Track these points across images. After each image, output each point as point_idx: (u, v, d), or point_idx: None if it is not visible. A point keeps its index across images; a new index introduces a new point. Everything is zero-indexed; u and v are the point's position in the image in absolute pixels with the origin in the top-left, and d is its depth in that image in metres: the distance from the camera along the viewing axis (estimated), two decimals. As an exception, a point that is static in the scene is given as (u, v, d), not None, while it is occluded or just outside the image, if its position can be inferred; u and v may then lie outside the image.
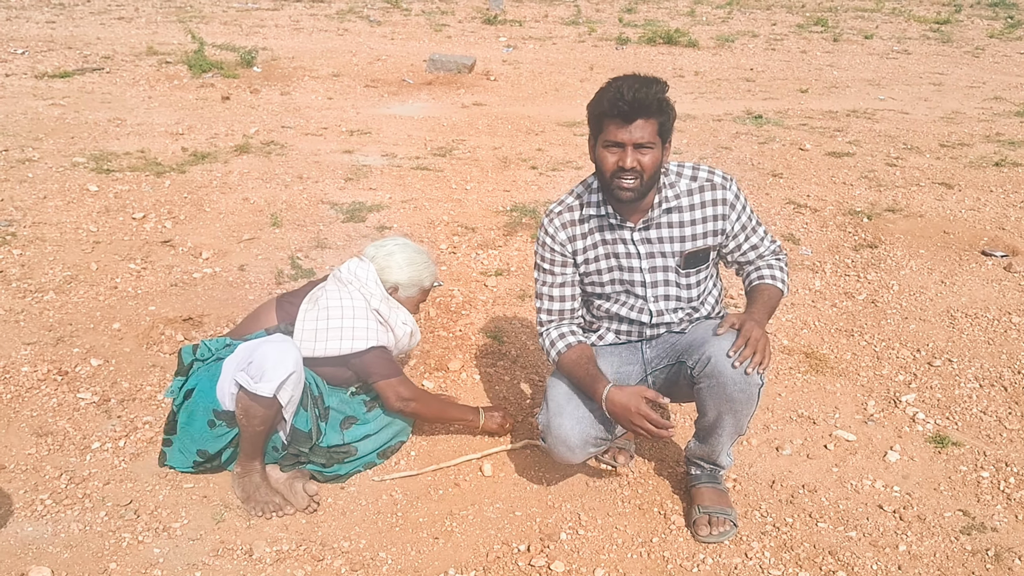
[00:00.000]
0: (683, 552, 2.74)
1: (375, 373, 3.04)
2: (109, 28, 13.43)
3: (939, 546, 2.80)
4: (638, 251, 2.77)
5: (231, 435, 2.85)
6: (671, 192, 2.72)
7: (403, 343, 3.20)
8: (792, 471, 3.19)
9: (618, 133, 2.52)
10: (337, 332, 2.96)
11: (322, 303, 3.03)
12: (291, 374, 2.72)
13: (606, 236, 2.78)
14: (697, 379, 2.63)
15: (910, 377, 3.88)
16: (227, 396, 2.76)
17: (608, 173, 2.58)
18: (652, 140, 2.53)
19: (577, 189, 2.82)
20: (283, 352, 2.74)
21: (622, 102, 2.47)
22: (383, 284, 3.15)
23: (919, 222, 5.88)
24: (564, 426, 2.71)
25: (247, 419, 2.75)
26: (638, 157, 2.53)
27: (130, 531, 2.72)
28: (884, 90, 11.13)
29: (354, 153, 7.24)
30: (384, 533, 2.78)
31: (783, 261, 2.91)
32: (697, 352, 2.63)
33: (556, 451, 2.76)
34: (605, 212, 2.74)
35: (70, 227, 5.20)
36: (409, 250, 3.22)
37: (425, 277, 3.24)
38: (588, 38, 14.99)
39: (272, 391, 2.67)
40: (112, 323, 4.04)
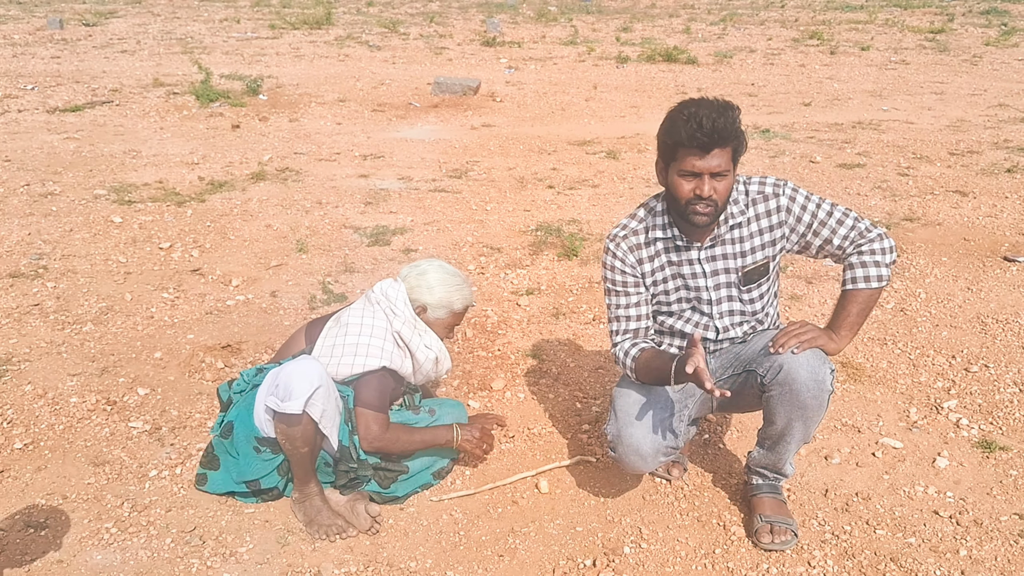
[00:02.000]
0: (747, 562, 2.76)
1: (360, 397, 2.95)
2: (113, 61, 13.49)
3: (999, 550, 2.82)
4: (704, 270, 2.79)
5: (277, 461, 2.88)
6: (735, 208, 2.73)
7: (426, 368, 3.15)
8: (844, 479, 3.21)
9: (695, 163, 2.52)
10: (352, 348, 2.97)
11: (343, 320, 3.07)
12: (317, 388, 2.72)
13: (672, 257, 2.80)
14: (768, 387, 2.65)
15: (949, 383, 3.91)
16: (264, 423, 2.79)
17: (683, 200, 2.59)
18: (727, 168, 2.55)
19: (639, 213, 2.84)
20: (305, 368, 2.76)
21: (701, 133, 2.46)
22: (411, 304, 3.13)
23: (938, 230, 5.93)
24: (636, 435, 2.74)
25: (289, 442, 2.77)
26: (714, 185, 2.55)
27: (198, 557, 2.73)
28: (887, 101, 11.22)
29: (370, 177, 7.28)
30: (448, 552, 2.80)
31: (876, 242, 2.73)
32: (768, 360, 2.66)
33: (627, 460, 2.79)
34: (672, 235, 2.77)
35: (100, 259, 5.23)
36: (442, 271, 3.19)
37: (456, 300, 3.18)
38: (588, 57, 15.09)
39: (300, 408, 2.68)
40: (153, 352, 4.07)
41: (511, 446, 3.41)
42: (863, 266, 2.74)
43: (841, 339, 2.73)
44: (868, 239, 2.75)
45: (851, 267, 2.76)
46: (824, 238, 2.77)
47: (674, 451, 2.84)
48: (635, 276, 2.81)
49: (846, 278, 2.78)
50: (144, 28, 18.27)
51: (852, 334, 2.76)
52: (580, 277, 5.08)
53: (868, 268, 2.73)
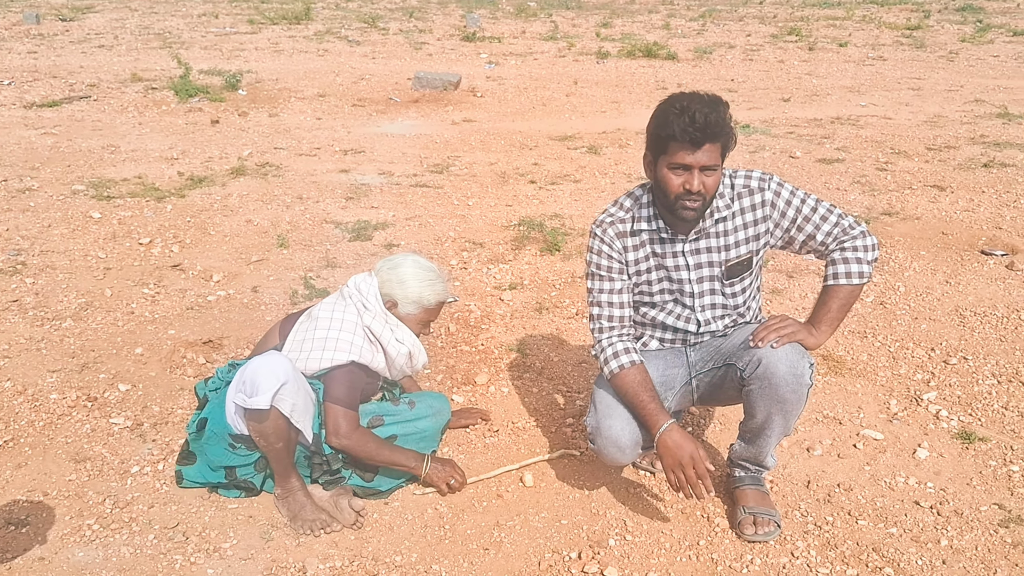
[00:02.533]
0: (731, 553, 2.78)
1: (328, 392, 2.93)
2: (91, 56, 13.38)
3: (980, 540, 2.85)
4: (687, 262, 2.80)
5: (254, 457, 2.87)
6: (721, 202, 2.74)
7: (399, 363, 3.11)
8: (826, 471, 3.23)
9: (685, 157, 2.52)
10: (321, 343, 2.95)
11: (314, 314, 3.05)
12: (283, 383, 2.70)
13: (656, 249, 2.80)
14: (748, 381, 2.67)
15: (928, 376, 3.94)
16: (235, 420, 2.78)
17: (672, 194, 2.59)
18: (716, 163, 2.55)
19: (626, 202, 2.83)
20: (271, 363, 2.74)
21: (693, 128, 2.45)
22: (383, 298, 3.08)
23: (916, 224, 5.98)
24: (615, 427, 2.75)
25: (262, 438, 2.76)
26: (703, 179, 2.55)
27: (181, 553, 2.72)
28: (865, 96, 11.29)
29: (351, 172, 7.26)
30: (434, 546, 2.80)
31: (859, 239, 2.76)
32: (748, 354, 2.68)
33: (606, 452, 2.80)
34: (657, 227, 2.77)
35: (79, 254, 5.18)
36: (415, 266, 3.12)
37: (427, 295, 3.10)
38: (568, 53, 15.10)
39: (267, 403, 2.66)
40: (134, 348, 4.04)
41: (495, 440, 3.41)
42: (845, 262, 2.76)
43: (821, 334, 2.75)
44: (851, 236, 2.77)
45: (833, 263, 2.78)
46: (808, 234, 2.78)
47: (653, 443, 2.85)
48: (620, 263, 2.81)
49: (828, 274, 2.80)
50: (122, 23, 18.15)
51: (832, 329, 2.78)
52: (563, 272, 5.09)
53: (850, 264, 2.75)
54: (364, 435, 2.96)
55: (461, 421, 3.47)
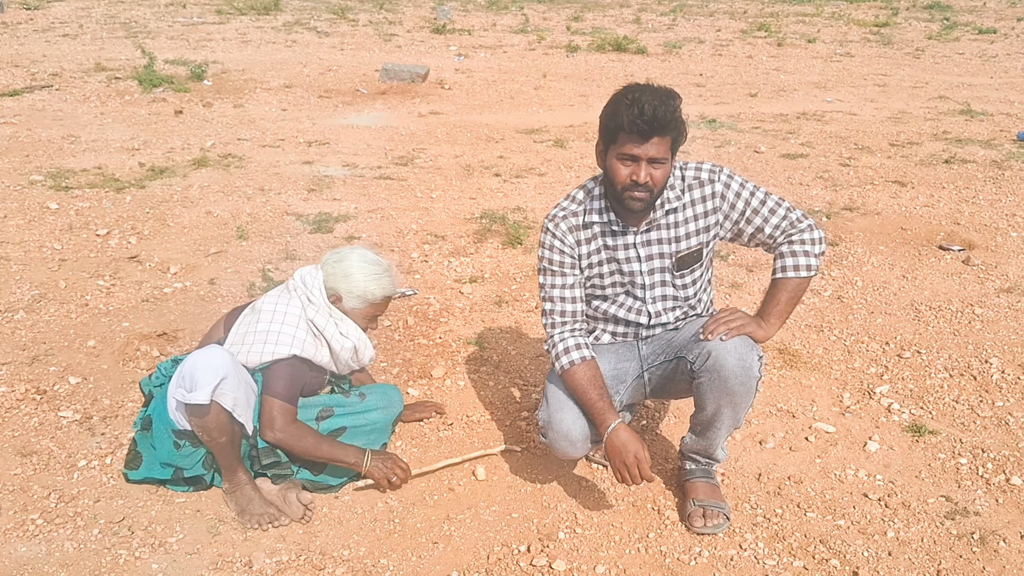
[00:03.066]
0: (679, 546, 2.79)
1: (267, 385, 2.88)
2: (54, 45, 13.18)
3: (926, 531, 2.88)
4: (639, 254, 2.80)
5: (200, 454, 2.84)
6: (671, 194, 2.74)
7: (344, 357, 3.07)
8: (777, 463, 3.26)
9: (634, 148, 2.52)
10: (263, 336, 2.91)
11: (258, 307, 3.02)
12: (223, 378, 2.68)
13: (607, 242, 2.80)
14: (697, 374, 2.68)
15: (881, 369, 3.97)
16: (178, 416, 2.75)
17: (620, 185, 2.60)
18: (665, 155, 2.55)
19: (578, 195, 2.84)
20: (210, 357, 2.72)
21: (642, 120, 2.46)
22: (327, 292, 3.05)
23: (876, 220, 6.03)
24: (566, 421, 2.75)
25: (205, 433, 2.73)
26: (651, 171, 2.55)
27: (126, 548, 2.69)
28: (831, 92, 11.36)
29: (314, 164, 7.20)
30: (383, 540, 2.78)
31: (806, 232, 2.78)
32: (697, 347, 2.68)
33: (557, 446, 2.80)
34: (608, 219, 2.77)
35: (34, 245, 5.11)
36: (361, 260, 3.07)
37: (372, 290, 3.05)
38: (538, 46, 15.07)
39: (206, 398, 2.63)
40: (87, 340, 3.99)
41: (448, 434, 3.40)
42: (793, 255, 2.78)
43: (770, 327, 2.77)
44: (799, 229, 2.79)
45: (781, 256, 2.80)
46: (756, 226, 2.80)
47: None
48: (572, 257, 2.81)
49: (776, 267, 2.82)
50: (87, 12, 17.88)
51: (781, 322, 2.80)
52: (524, 265, 5.08)
53: (798, 257, 2.77)
54: (300, 429, 2.92)
55: (415, 414, 3.45)
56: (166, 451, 2.84)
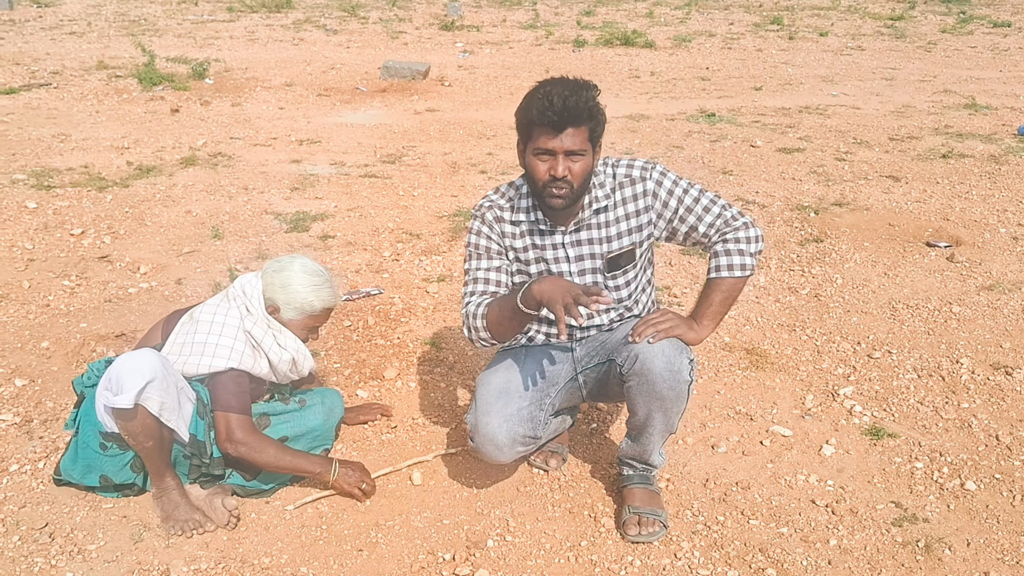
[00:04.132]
0: (611, 555, 2.70)
1: (216, 400, 2.83)
2: (60, 43, 13.26)
3: (870, 539, 2.78)
4: (567, 255, 2.72)
5: (127, 457, 2.78)
6: (600, 192, 2.67)
7: (282, 369, 2.99)
8: (727, 469, 3.16)
9: (548, 142, 2.45)
10: (200, 347, 2.84)
11: (196, 316, 2.94)
12: (149, 381, 2.61)
13: (536, 241, 2.73)
14: (626, 377, 2.59)
15: (849, 370, 3.87)
16: (105, 418, 2.69)
17: (540, 182, 2.52)
18: (583, 147, 2.48)
19: (507, 192, 2.76)
20: (137, 360, 2.65)
21: (551, 111, 2.39)
22: (265, 302, 2.96)
23: (865, 215, 5.90)
24: (492, 424, 2.68)
25: (131, 437, 2.67)
26: (569, 165, 2.48)
27: (43, 555, 2.64)
28: (837, 86, 11.20)
29: (302, 162, 7.17)
30: (307, 547, 2.72)
31: (741, 231, 2.70)
32: (626, 350, 2.60)
33: (484, 450, 2.72)
34: (535, 218, 2.70)
35: (4, 245, 5.09)
36: (301, 271, 2.96)
37: (311, 301, 2.95)
38: (545, 41, 14.98)
39: (131, 402, 2.57)
40: (41, 342, 3.96)
41: (392, 437, 3.33)
42: (727, 255, 2.69)
43: (703, 328, 2.67)
44: (733, 228, 2.71)
45: (715, 255, 2.71)
46: (690, 225, 2.71)
47: (534, 441, 2.77)
48: (499, 246, 2.74)
49: (710, 267, 2.73)
50: (98, 9, 18.00)
51: (715, 324, 2.71)
52: (496, 263, 5.00)
53: (732, 257, 2.68)
54: (261, 440, 2.85)
55: (360, 417, 3.39)
56: (91, 453, 2.79)
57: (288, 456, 2.89)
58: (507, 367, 2.85)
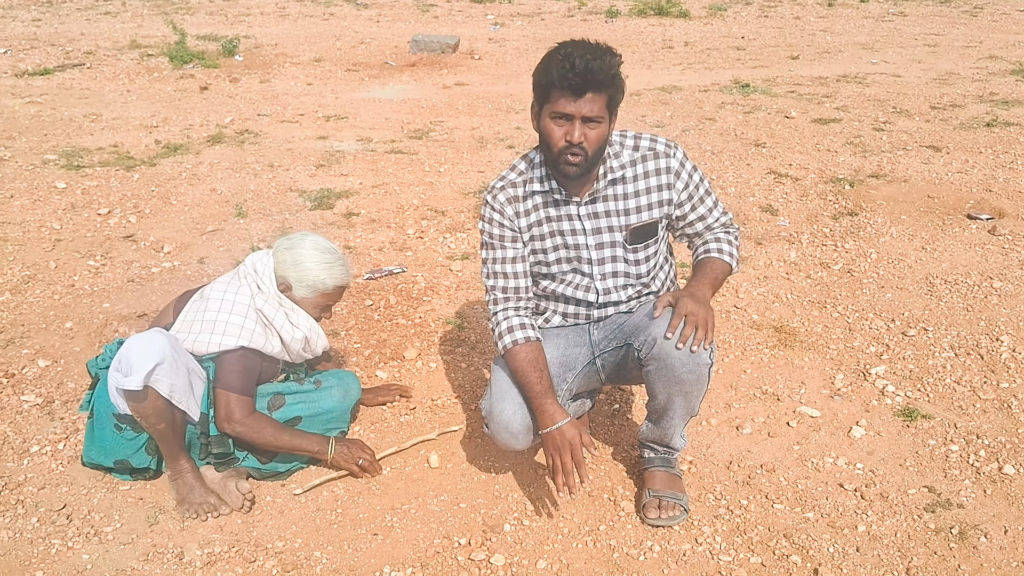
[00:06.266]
0: (630, 539, 2.64)
1: (219, 378, 2.80)
2: (94, 23, 13.31)
3: (900, 525, 2.69)
4: (584, 227, 2.64)
5: (142, 440, 2.76)
6: (616, 163, 2.60)
7: (295, 348, 2.96)
8: (751, 451, 3.08)
9: (566, 105, 2.37)
10: (210, 326, 2.80)
11: (207, 294, 2.90)
12: (159, 363, 2.58)
13: (551, 212, 2.65)
14: (644, 362, 2.51)
15: (882, 348, 3.75)
16: (117, 400, 2.67)
17: (555, 147, 2.44)
18: (601, 114, 2.40)
19: (520, 165, 2.69)
20: (147, 342, 2.62)
21: (572, 73, 2.31)
22: (277, 280, 2.93)
23: (903, 187, 5.73)
24: (506, 411, 2.61)
25: (143, 419, 2.65)
26: (585, 131, 2.40)
27: (60, 537, 2.63)
28: (877, 53, 10.93)
29: (328, 139, 7.12)
30: (321, 531, 2.69)
31: (733, 234, 2.76)
32: (643, 333, 2.51)
33: (499, 437, 2.66)
34: (550, 188, 2.62)
35: (33, 226, 5.11)
36: (313, 248, 2.93)
37: (323, 279, 2.92)
38: (578, 12, 14.79)
39: (140, 383, 2.54)
40: (64, 322, 3.96)
41: (410, 418, 3.29)
42: (717, 241, 2.73)
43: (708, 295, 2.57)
44: (727, 229, 2.78)
45: (706, 242, 2.74)
46: (698, 215, 2.72)
47: None
48: (513, 231, 2.67)
49: (701, 250, 2.75)
50: (132, -11, 18.02)
51: (713, 292, 2.60)
52: (522, 240, 4.92)
53: (723, 244, 2.72)
54: (259, 420, 2.83)
55: (378, 398, 3.35)
56: (107, 435, 2.77)
57: (286, 436, 2.86)
58: None
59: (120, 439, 2.75)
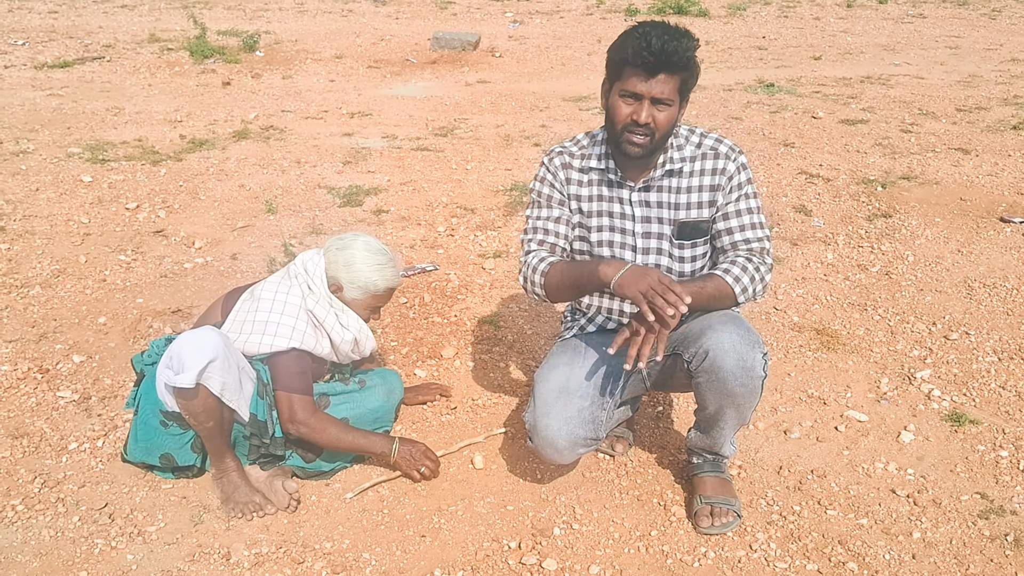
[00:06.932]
0: (683, 545, 2.60)
1: (278, 380, 2.77)
2: (112, 17, 13.30)
3: (955, 532, 2.64)
4: (634, 213, 2.60)
5: (188, 437, 2.72)
6: (676, 154, 2.56)
7: (344, 349, 2.92)
8: (801, 455, 3.03)
9: (637, 84, 2.34)
10: (261, 326, 2.77)
11: (257, 294, 2.86)
12: (211, 361, 2.54)
13: (603, 192, 2.62)
14: (695, 374, 2.47)
15: (925, 352, 3.70)
16: (166, 397, 2.64)
17: (619, 124, 2.41)
18: (672, 97, 2.36)
19: (583, 140, 2.67)
20: (199, 340, 2.58)
21: (648, 52, 2.28)
22: (327, 281, 2.89)
23: (935, 189, 5.67)
24: (551, 427, 2.55)
25: (192, 416, 2.62)
26: (654, 113, 2.36)
27: (103, 536, 2.60)
28: (899, 55, 10.85)
29: (354, 136, 7.09)
30: (369, 532, 2.65)
31: (755, 263, 2.55)
32: (694, 345, 2.46)
33: (543, 453, 2.61)
34: (607, 166, 2.59)
35: (61, 219, 5.08)
36: (365, 249, 2.89)
37: (375, 280, 2.88)
38: (596, 10, 14.74)
39: (192, 381, 2.51)
40: (98, 317, 3.93)
41: (451, 418, 3.25)
42: (732, 264, 2.54)
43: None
44: (762, 257, 2.58)
45: (733, 263, 2.55)
46: (727, 226, 2.60)
47: (595, 443, 2.63)
48: (562, 195, 2.64)
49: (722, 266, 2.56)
50: (148, -17, 18.00)
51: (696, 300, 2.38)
52: (553, 239, 4.88)
53: (734, 268, 2.53)
54: (323, 420, 2.80)
55: (419, 397, 3.31)
56: (155, 432, 2.74)
57: (349, 435, 2.83)
58: (566, 363, 2.70)
59: (166, 435, 2.72)
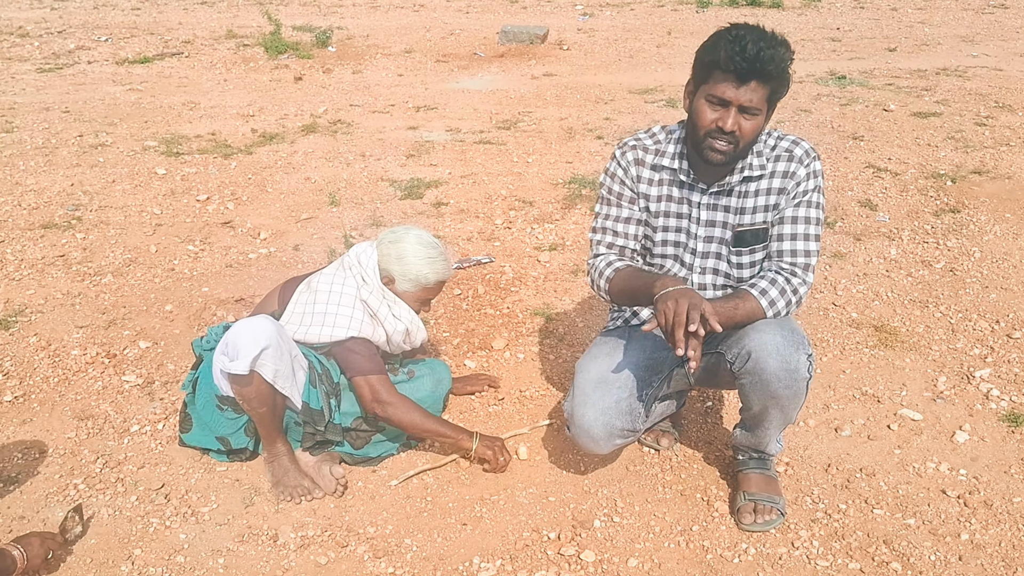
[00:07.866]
0: (724, 541, 2.59)
1: (351, 367, 2.85)
2: (192, 13, 13.67)
3: (1005, 535, 2.59)
4: (699, 216, 2.57)
5: (242, 420, 2.81)
6: (756, 161, 2.49)
7: (396, 340, 2.98)
8: (851, 454, 2.99)
9: (726, 90, 2.27)
10: (320, 318, 2.85)
11: (314, 285, 2.94)
12: (265, 348, 2.62)
13: (673, 192, 2.59)
14: (738, 375, 2.45)
15: (986, 351, 3.62)
16: (221, 382, 2.73)
17: (703, 130, 2.35)
18: (760, 106, 2.30)
19: (659, 135, 2.61)
20: (254, 327, 2.66)
21: (741, 57, 2.20)
22: (380, 273, 2.95)
23: (1007, 184, 5.51)
24: (588, 416, 2.57)
25: (245, 402, 2.71)
26: (740, 121, 2.30)
27: (158, 516, 2.70)
28: (978, 46, 10.54)
29: (419, 129, 7.17)
30: (412, 519, 2.70)
31: (793, 284, 2.46)
32: (737, 346, 2.43)
33: (580, 442, 2.63)
34: (679, 167, 2.55)
35: (135, 210, 5.26)
36: (417, 242, 2.95)
37: (426, 273, 2.94)
38: (668, 2, 14.61)
39: (246, 368, 2.59)
40: (165, 305, 4.07)
41: (499, 409, 3.29)
42: (781, 292, 2.44)
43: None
44: (799, 275, 2.48)
45: (772, 282, 2.47)
46: (788, 232, 2.51)
47: (632, 434, 2.64)
48: (632, 191, 2.61)
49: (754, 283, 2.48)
50: (228, -20, 18.43)
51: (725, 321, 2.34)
52: (611, 232, 4.88)
53: (769, 287, 2.45)
54: (405, 400, 2.86)
55: (467, 388, 3.36)
56: (209, 415, 2.84)
57: (432, 421, 2.89)
58: (607, 353, 2.70)
59: (221, 417, 2.82)
